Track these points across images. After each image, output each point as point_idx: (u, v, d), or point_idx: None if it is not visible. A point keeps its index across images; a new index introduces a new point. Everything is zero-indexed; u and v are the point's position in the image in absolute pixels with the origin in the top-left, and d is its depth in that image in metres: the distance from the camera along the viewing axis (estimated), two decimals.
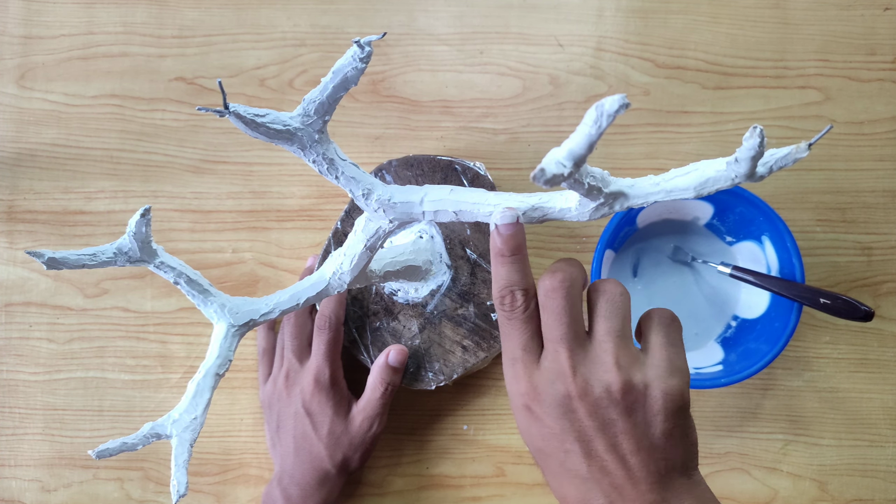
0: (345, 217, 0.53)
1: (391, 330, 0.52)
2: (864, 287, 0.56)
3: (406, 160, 0.52)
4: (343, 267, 0.38)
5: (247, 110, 0.29)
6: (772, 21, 0.56)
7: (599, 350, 0.32)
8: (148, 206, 0.32)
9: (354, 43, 0.29)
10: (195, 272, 0.35)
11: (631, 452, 0.31)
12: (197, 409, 0.34)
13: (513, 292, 0.33)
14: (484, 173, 0.52)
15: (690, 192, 0.31)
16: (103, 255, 0.33)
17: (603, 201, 0.31)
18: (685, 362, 0.33)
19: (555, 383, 0.32)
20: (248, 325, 0.36)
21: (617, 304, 0.33)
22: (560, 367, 0.32)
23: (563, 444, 0.32)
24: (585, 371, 0.32)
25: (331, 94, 0.31)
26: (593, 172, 0.30)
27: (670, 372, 0.32)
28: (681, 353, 0.33)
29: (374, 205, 0.34)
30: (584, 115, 0.25)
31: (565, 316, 0.32)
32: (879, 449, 0.55)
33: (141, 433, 0.34)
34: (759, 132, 0.27)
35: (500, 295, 0.33)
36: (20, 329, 0.56)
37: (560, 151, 0.26)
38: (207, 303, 0.35)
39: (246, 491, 0.55)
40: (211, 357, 0.35)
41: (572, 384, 0.31)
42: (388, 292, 0.52)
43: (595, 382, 0.31)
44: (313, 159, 0.33)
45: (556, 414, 0.32)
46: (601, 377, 0.31)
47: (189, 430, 0.34)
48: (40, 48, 0.57)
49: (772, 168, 0.30)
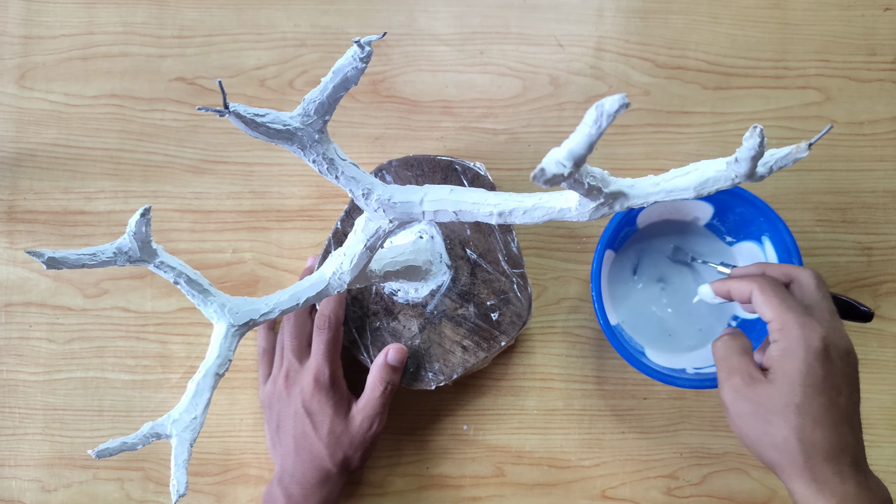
0: (345, 217, 0.53)
1: (391, 330, 0.52)
2: (864, 287, 0.56)
3: (406, 160, 0.52)
4: (343, 267, 0.38)
5: (247, 110, 0.29)
6: (772, 21, 0.56)
7: (834, 320, 0.39)
8: (148, 205, 0.32)
9: (354, 43, 0.29)
10: (195, 272, 0.35)
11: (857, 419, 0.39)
12: (197, 408, 0.34)
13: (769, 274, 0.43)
14: (484, 173, 0.52)
15: (690, 192, 0.31)
16: (103, 254, 0.33)
17: (603, 201, 0.31)
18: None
19: (840, 336, 0.39)
20: (247, 324, 0.36)
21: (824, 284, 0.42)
22: (837, 327, 0.39)
23: (841, 386, 0.37)
24: (846, 336, 0.39)
25: (331, 94, 0.31)
26: (593, 172, 0.30)
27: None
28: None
29: (374, 205, 0.34)
30: (584, 114, 0.25)
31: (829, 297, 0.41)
32: (878, 449, 0.55)
33: (141, 433, 0.34)
34: (759, 132, 0.27)
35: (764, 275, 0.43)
36: (20, 329, 0.56)
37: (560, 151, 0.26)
38: (207, 303, 0.35)
39: (246, 491, 0.55)
40: (211, 357, 0.35)
41: (847, 342, 0.39)
42: (388, 292, 0.52)
43: (850, 346, 0.39)
44: (313, 159, 0.33)
45: (842, 361, 0.38)
46: (850, 344, 0.39)
47: (189, 430, 0.34)
48: (40, 48, 0.57)
49: (772, 168, 0.30)
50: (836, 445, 0.36)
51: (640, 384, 0.55)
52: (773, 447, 0.37)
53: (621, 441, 0.55)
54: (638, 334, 0.54)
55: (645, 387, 0.55)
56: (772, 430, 0.37)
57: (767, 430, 0.37)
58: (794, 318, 0.38)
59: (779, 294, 0.39)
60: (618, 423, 0.55)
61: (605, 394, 0.55)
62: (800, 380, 0.36)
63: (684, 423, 0.55)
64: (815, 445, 0.35)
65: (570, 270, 0.56)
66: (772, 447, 0.37)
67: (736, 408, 0.39)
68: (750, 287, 0.41)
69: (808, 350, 0.37)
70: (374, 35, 0.30)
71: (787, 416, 0.36)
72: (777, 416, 0.37)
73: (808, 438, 0.36)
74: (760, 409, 0.37)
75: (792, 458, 0.36)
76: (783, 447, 0.36)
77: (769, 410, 0.37)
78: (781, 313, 0.38)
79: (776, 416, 0.37)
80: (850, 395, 0.38)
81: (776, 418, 0.37)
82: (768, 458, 0.38)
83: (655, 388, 0.55)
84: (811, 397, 0.36)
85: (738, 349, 0.40)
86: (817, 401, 0.36)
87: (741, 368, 0.39)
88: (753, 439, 0.38)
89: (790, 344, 0.37)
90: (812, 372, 0.36)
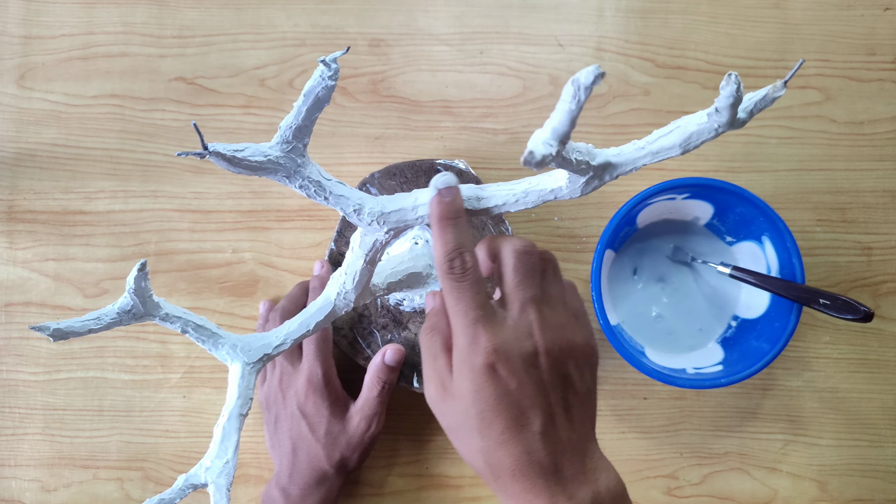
0: (337, 237, 0.53)
1: (403, 340, 0.52)
2: (864, 287, 0.56)
3: (388, 170, 0.52)
4: (346, 286, 0.38)
5: (226, 147, 0.29)
6: (772, 21, 0.56)
7: (562, 309, 0.35)
8: (144, 260, 0.32)
9: (321, 62, 0.29)
10: (201, 318, 0.35)
11: (576, 406, 0.33)
12: (227, 452, 0.34)
13: (462, 254, 0.33)
14: (466, 169, 0.52)
15: (677, 149, 0.31)
16: (107, 317, 0.33)
17: (592, 174, 0.31)
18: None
19: (524, 340, 0.32)
20: (262, 360, 0.36)
21: (558, 268, 0.36)
22: (530, 323, 0.33)
23: (522, 400, 0.32)
24: (548, 328, 0.33)
25: (306, 117, 0.31)
26: (578, 148, 0.30)
27: (592, 332, 0.36)
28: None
29: (368, 219, 0.34)
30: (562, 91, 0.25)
31: (537, 276, 0.34)
32: (879, 449, 0.55)
33: (176, 487, 0.33)
34: (735, 78, 0.27)
35: (450, 258, 0.33)
36: (20, 329, 0.56)
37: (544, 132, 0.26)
38: (218, 346, 0.35)
39: (245, 491, 0.55)
40: (231, 399, 0.35)
41: (541, 340, 0.33)
42: (394, 303, 0.52)
43: (554, 345, 0.33)
44: (300, 184, 0.32)
45: (522, 369, 0.32)
46: (558, 344, 0.33)
47: (224, 475, 0.34)
48: (40, 48, 0.57)
49: (752, 112, 0.30)
50: (525, 462, 0.31)
51: (640, 384, 0.55)
52: (469, 459, 0.34)
53: (621, 441, 0.55)
54: (638, 334, 0.54)
55: (645, 387, 0.55)
56: (463, 446, 0.34)
57: (460, 445, 0.34)
58: (460, 329, 0.32)
59: (453, 293, 0.33)
60: (618, 423, 0.55)
61: (605, 394, 0.55)
62: (472, 401, 0.32)
63: (684, 422, 0.55)
64: (501, 464, 0.32)
65: (570, 270, 0.56)
66: (469, 459, 0.34)
67: (437, 415, 0.35)
68: (442, 299, 0.35)
69: (473, 370, 0.32)
70: (338, 52, 0.30)
71: (472, 436, 0.32)
72: (464, 433, 0.33)
73: (492, 459, 0.32)
74: (452, 424, 0.34)
75: (484, 475, 0.33)
76: (475, 463, 0.33)
77: (459, 427, 0.33)
78: (453, 320, 0.33)
79: (464, 433, 0.33)
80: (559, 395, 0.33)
81: (464, 435, 0.33)
82: (472, 466, 0.34)
83: (655, 388, 0.55)
84: (488, 420, 0.32)
85: (437, 347, 0.34)
86: (496, 423, 0.32)
87: (435, 376, 0.34)
88: (456, 446, 0.35)
89: (458, 359, 0.33)
90: (482, 393, 0.32)
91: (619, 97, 0.56)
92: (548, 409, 0.32)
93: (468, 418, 0.32)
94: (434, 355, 0.34)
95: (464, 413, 0.32)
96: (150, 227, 0.56)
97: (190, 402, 0.56)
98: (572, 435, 0.33)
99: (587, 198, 0.55)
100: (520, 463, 0.31)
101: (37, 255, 0.56)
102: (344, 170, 0.55)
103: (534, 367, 0.32)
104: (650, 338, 0.54)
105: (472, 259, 0.33)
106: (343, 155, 0.56)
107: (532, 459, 0.31)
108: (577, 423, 0.33)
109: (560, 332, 0.34)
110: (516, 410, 0.32)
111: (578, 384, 0.34)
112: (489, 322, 0.32)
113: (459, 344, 0.33)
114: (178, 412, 0.56)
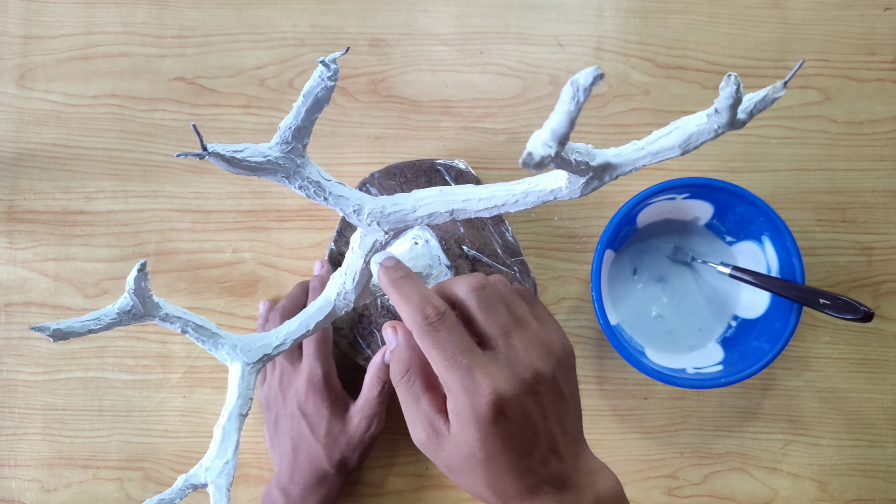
0: (337, 237, 0.53)
1: None
2: (864, 287, 0.56)
3: (387, 170, 0.52)
4: (346, 286, 0.38)
5: (225, 148, 0.29)
6: (772, 21, 0.56)
7: (533, 321, 0.35)
8: (144, 260, 0.32)
9: (320, 63, 0.29)
10: (201, 318, 0.35)
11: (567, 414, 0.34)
12: (227, 452, 0.34)
13: (429, 301, 0.33)
14: (466, 169, 0.52)
15: (676, 150, 0.31)
16: (107, 317, 0.32)
17: (592, 175, 0.31)
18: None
19: (521, 372, 0.33)
20: (262, 360, 0.36)
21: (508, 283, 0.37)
22: (517, 353, 0.33)
23: (526, 431, 0.32)
24: (535, 354, 0.33)
25: (305, 118, 0.31)
26: (578, 148, 0.30)
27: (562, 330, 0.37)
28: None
29: (367, 219, 0.34)
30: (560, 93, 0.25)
31: (501, 304, 0.34)
32: (879, 449, 0.55)
33: (176, 487, 0.33)
34: (735, 79, 0.27)
35: (420, 308, 0.33)
36: (20, 329, 0.56)
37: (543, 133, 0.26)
38: (218, 346, 0.35)
39: (246, 491, 0.55)
40: (231, 399, 0.35)
41: (533, 364, 0.33)
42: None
43: (546, 364, 0.33)
44: (299, 185, 0.32)
45: (526, 402, 0.32)
46: (547, 361, 0.34)
47: (223, 476, 0.34)
48: (40, 48, 0.57)
49: (752, 112, 0.30)
50: (532, 483, 0.32)
51: (640, 384, 0.55)
52: (473, 491, 0.34)
53: (622, 441, 0.55)
54: (638, 334, 0.54)
55: (645, 387, 0.55)
56: (466, 482, 0.34)
57: (462, 481, 0.34)
58: (456, 381, 0.32)
59: (436, 341, 0.32)
60: (618, 423, 0.55)
61: (605, 394, 0.55)
62: (479, 447, 0.32)
63: (685, 422, 0.55)
64: (507, 490, 0.33)
65: (570, 270, 0.56)
66: (472, 491, 0.34)
67: (431, 458, 0.35)
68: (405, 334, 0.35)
69: (479, 420, 0.31)
70: (337, 52, 0.30)
71: (476, 472, 0.33)
72: (467, 471, 0.33)
73: (499, 486, 0.33)
74: (453, 466, 0.34)
75: (489, 501, 0.34)
76: (479, 493, 0.34)
77: (461, 468, 0.33)
78: (443, 373, 0.32)
79: (466, 471, 0.33)
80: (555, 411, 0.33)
81: (467, 473, 0.33)
82: (475, 496, 0.35)
83: (656, 388, 0.55)
84: (493, 456, 0.32)
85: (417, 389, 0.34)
86: (500, 457, 0.32)
87: (422, 419, 0.34)
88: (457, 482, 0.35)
89: (459, 412, 0.32)
90: (489, 439, 0.32)
91: (618, 97, 0.56)
92: (548, 430, 0.33)
93: (474, 461, 0.32)
94: (416, 397, 0.34)
95: (468, 457, 0.33)
96: (150, 227, 0.56)
97: (190, 402, 0.56)
98: (568, 443, 0.34)
99: (587, 198, 0.55)
100: (527, 485, 0.32)
101: (37, 255, 0.56)
102: (344, 170, 0.55)
103: (534, 393, 0.33)
104: (650, 338, 0.54)
105: (442, 303, 0.33)
106: (343, 155, 0.56)
107: (538, 479, 0.33)
108: (570, 430, 0.34)
109: (543, 347, 0.34)
110: (523, 443, 0.32)
111: (566, 391, 0.34)
112: (483, 365, 0.32)
113: (455, 392, 0.32)
114: (178, 412, 0.56)
